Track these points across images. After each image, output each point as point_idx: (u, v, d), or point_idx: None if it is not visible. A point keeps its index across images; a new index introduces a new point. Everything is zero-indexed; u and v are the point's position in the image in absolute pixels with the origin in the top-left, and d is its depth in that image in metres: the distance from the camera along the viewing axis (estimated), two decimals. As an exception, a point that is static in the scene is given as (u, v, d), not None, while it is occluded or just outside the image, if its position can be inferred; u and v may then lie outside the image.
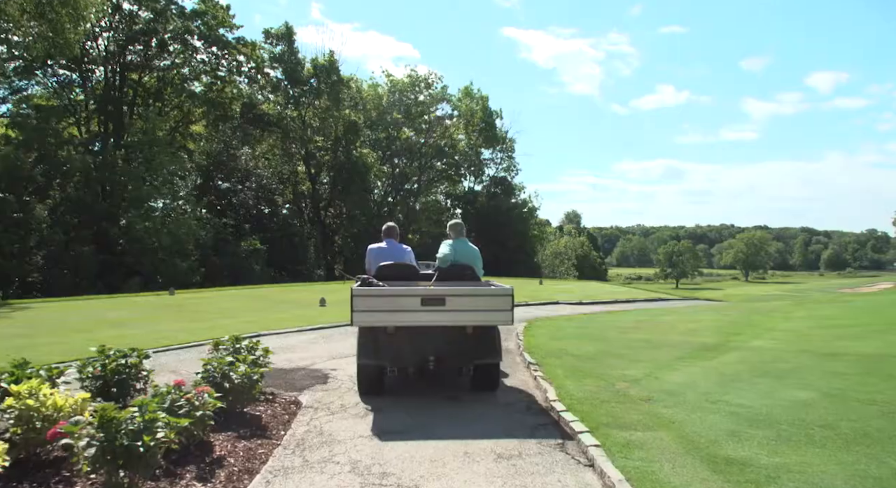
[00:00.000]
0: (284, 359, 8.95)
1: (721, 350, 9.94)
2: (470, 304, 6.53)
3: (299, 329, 11.95)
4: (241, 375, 5.71)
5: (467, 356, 6.70)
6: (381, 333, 6.58)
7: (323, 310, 15.48)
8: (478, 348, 6.71)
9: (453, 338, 6.63)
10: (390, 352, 6.58)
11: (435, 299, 6.41)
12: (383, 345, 6.57)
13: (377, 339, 6.60)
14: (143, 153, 30.64)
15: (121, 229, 28.71)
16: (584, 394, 6.67)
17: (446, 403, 6.59)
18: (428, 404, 6.51)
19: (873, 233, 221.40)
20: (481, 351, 6.74)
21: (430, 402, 6.59)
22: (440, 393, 7.00)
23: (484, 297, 6.63)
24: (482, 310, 6.56)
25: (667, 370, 8.17)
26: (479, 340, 6.69)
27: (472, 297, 6.60)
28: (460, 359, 6.70)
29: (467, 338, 6.65)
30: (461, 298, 6.52)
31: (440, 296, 6.44)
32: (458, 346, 6.65)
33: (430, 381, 7.54)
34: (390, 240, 7.96)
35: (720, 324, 13.55)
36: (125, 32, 35.13)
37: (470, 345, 6.67)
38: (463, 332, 6.63)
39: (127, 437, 3.66)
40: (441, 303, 6.41)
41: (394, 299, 6.48)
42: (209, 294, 21.08)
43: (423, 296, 6.44)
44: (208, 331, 11.27)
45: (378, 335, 6.60)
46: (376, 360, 6.63)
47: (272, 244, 40.05)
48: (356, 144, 46.42)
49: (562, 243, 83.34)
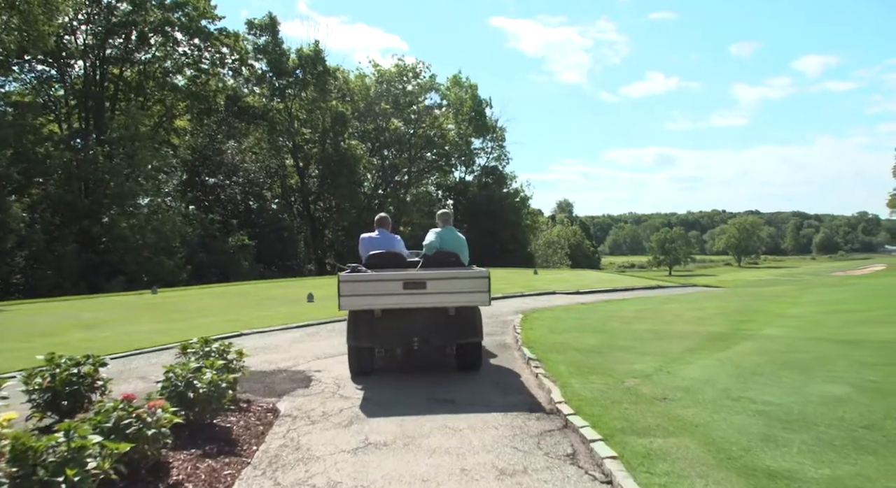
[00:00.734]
0: (264, 361, 8.27)
1: (733, 339, 9.32)
2: (449, 287, 6.82)
3: (284, 326, 11.26)
4: (207, 383, 5.02)
5: (449, 336, 7.04)
6: (369, 316, 6.84)
7: (310, 306, 14.80)
8: (459, 328, 7.00)
9: (436, 320, 6.91)
10: (378, 334, 6.90)
11: (416, 283, 6.75)
12: (371, 328, 6.87)
13: (366, 322, 6.86)
14: (125, 149, 29.68)
15: (103, 227, 27.80)
16: (592, 394, 6.03)
17: (440, 407, 5.93)
18: (419, 409, 5.84)
19: (864, 216, 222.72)
20: (463, 331, 7.03)
21: (423, 407, 5.93)
22: (433, 395, 6.35)
23: (462, 280, 6.90)
24: (460, 292, 6.83)
25: (679, 363, 7.54)
26: (460, 321, 6.96)
27: (451, 280, 6.87)
28: (443, 339, 7.05)
29: (449, 319, 6.93)
30: (441, 281, 6.82)
31: (421, 280, 6.78)
32: (441, 327, 6.94)
33: (423, 383, 6.91)
34: (382, 230, 8.10)
35: (726, 312, 12.96)
36: (103, 25, 34.13)
37: (451, 325, 6.96)
38: (445, 314, 6.91)
39: (47, 471, 2.98)
40: (422, 286, 6.75)
41: (377, 284, 6.81)
42: (193, 292, 20.33)
43: (404, 280, 6.77)
44: (186, 332, 10.55)
45: (367, 318, 6.85)
46: (366, 342, 6.97)
47: (261, 239, 39.28)
48: (344, 136, 45.60)
49: (554, 232, 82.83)
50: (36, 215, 28.99)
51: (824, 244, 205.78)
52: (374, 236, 8.01)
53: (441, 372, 7.55)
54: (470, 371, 7.38)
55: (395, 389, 6.65)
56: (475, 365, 7.42)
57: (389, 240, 8.01)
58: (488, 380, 7.02)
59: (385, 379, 7.20)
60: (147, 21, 35.21)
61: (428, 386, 6.77)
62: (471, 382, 6.92)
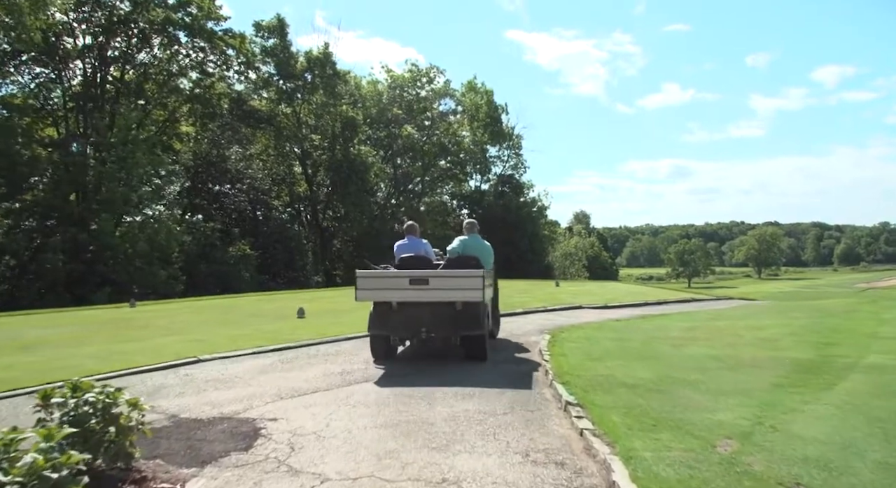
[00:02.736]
0: (207, 402, 6.17)
1: (830, 371, 7.10)
2: (448, 284, 7.74)
3: (256, 350, 9.14)
4: (28, 479, 2.90)
5: (454, 328, 7.86)
6: (387, 309, 7.91)
7: (299, 322, 12.69)
8: (463, 322, 7.78)
9: (442, 313, 7.79)
10: (392, 324, 7.94)
11: (420, 280, 7.76)
12: (387, 319, 7.92)
13: (383, 314, 7.94)
14: (117, 152, 27.85)
15: (91, 234, 25.90)
16: (676, 473, 3.85)
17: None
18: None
19: (886, 226, 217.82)
20: (466, 324, 7.81)
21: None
22: (432, 477, 4.21)
23: (458, 278, 7.78)
24: (458, 289, 7.70)
25: (780, 410, 5.34)
26: (464, 315, 7.76)
27: (449, 278, 7.81)
28: (448, 331, 7.90)
29: (454, 313, 7.77)
30: (441, 279, 7.79)
31: (424, 277, 7.78)
32: (446, 320, 7.79)
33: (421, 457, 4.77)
34: (411, 237, 9.04)
35: (795, 331, 10.68)
36: (102, 24, 32.52)
37: (456, 319, 7.78)
38: (451, 308, 7.77)
39: None
40: (426, 283, 7.73)
41: (388, 280, 7.96)
42: (176, 305, 18.30)
43: (410, 277, 7.81)
44: (131, 357, 8.52)
45: (384, 310, 7.93)
46: (383, 331, 8.02)
47: (265, 249, 37.34)
48: (354, 142, 43.74)
49: (572, 243, 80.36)
50: (23, 222, 27.23)
51: (846, 255, 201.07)
52: (404, 242, 8.96)
53: (438, 445, 5.42)
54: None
55: (374, 462, 4.51)
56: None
57: (417, 245, 8.93)
58: (511, 441, 4.83)
59: (364, 440, 5.08)
60: (148, 20, 33.60)
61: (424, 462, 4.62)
62: (491, 450, 4.71)
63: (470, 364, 8.06)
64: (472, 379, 7.12)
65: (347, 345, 9.69)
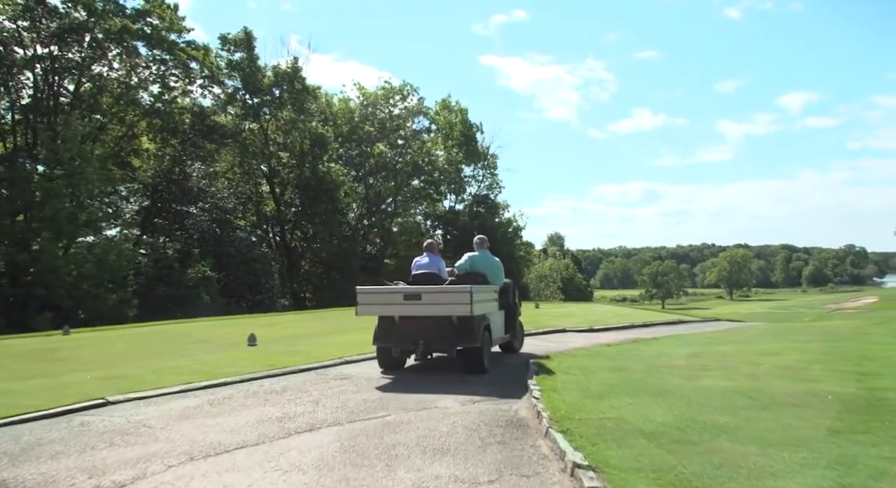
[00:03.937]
0: (87, 467, 4.53)
1: (887, 410, 5.74)
2: (438, 299, 8.20)
3: (183, 388, 7.48)
4: None
5: (450, 341, 8.25)
6: (389, 322, 8.43)
7: (247, 351, 11.02)
8: (459, 335, 8.14)
9: (438, 327, 8.20)
10: (392, 337, 8.44)
11: (413, 295, 8.28)
12: (388, 332, 8.46)
13: (385, 327, 8.48)
14: (65, 168, 25.88)
15: (31, 255, 23.81)
16: None
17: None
18: None
19: (851, 249, 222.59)
20: (461, 338, 8.16)
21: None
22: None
23: (448, 293, 8.24)
24: (448, 304, 8.08)
25: (865, 473, 3.93)
26: (460, 329, 8.11)
27: (440, 293, 8.29)
28: (444, 344, 8.33)
29: (450, 327, 8.14)
30: (432, 294, 8.28)
31: (417, 293, 8.31)
32: (442, 333, 8.18)
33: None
34: (429, 253, 9.36)
35: (816, 357, 9.36)
36: (54, 32, 30.69)
37: (452, 332, 8.14)
38: (447, 322, 8.15)
39: None
40: (418, 298, 8.23)
41: (385, 295, 8.59)
42: (115, 332, 16.40)
43: (405, 293, 8.38)
44: (19, 400, 6.83)
45: (387, 324, 8.46)
46: (386, 343, 8.55)
47: (229, 271, 35.37)
48: (324, 159, 42.17)
49: (546, 265, 79.53)
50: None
51: (814, 276, 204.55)
52: (422, 259, 9.34)
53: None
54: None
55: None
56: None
57: (433, 262, 9.24)
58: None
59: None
60: (105, 30, 31.83)
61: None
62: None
63: (444, 398, 6.68)
64: (446, 422, 5.63)
65: (296, 380, 8.10)
